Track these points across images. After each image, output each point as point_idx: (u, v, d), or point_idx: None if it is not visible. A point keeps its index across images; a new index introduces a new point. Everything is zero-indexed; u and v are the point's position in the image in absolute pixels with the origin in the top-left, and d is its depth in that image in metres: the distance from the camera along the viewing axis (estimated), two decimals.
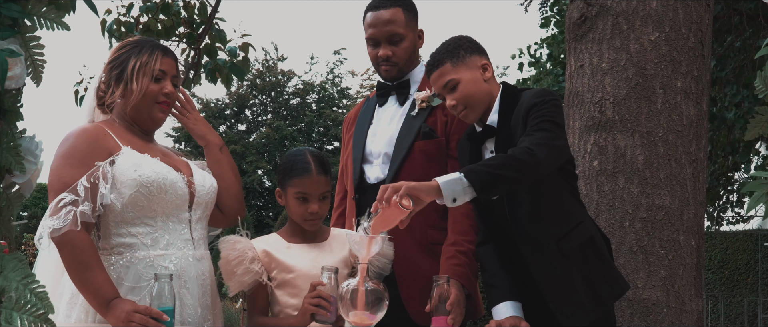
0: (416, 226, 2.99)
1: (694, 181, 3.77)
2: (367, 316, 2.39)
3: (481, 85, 2.84)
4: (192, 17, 5.82)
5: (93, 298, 2.55)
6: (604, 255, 2.83)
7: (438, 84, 2.85)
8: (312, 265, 2.77)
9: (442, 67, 2.83)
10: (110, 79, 2.80)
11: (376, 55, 3.16)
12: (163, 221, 2.71)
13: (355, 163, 3.19)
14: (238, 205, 2.96)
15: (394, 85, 3.22)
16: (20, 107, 1.98)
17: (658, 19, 3.78)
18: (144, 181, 2.65)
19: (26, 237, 14.84)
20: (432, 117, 3.10)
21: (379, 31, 3.13)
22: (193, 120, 3.01)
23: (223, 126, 26.80)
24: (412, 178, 2.98)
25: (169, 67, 2.83)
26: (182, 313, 2.70)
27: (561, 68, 11.07)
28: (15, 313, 1.84)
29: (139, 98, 2.76)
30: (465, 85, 2.81)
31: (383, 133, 3.17)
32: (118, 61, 2.79)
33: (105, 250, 2.69)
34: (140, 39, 2.89)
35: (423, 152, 3.06)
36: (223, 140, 3.06)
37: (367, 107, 3.33)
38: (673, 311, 3.62)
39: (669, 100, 3.74)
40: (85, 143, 2.66)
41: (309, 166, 2.84)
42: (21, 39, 1.95)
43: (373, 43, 3.17)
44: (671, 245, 3.65)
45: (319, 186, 2.83)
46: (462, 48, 2.85)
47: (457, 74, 2.81)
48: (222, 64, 5.73)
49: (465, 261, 2.92)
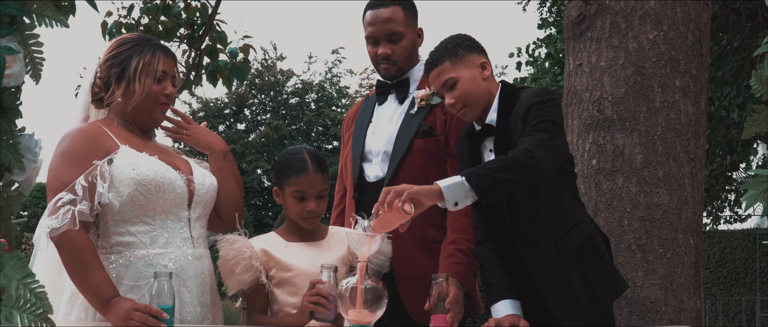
0: (415, 225, 2.98)
1: (692, 179, 3.77)
2: (367, 314, 2.39)
3: (479, 84, 2.84)
4: (193, 18, 5.82)
5: (92, 297, 2.55)
6: (602, 254, 2.83)
7: (437, 82, 2.85)
8: (310, 264, 2.77)
9: (440, 66, 2.83)
10: (109, 76, 2.79)
11: (376, 54, 3.16)
12: (162, 220, 2.71)
13: (355, 161, 3.19)
14: (236, 213, 2.94)
15: (393, 83, 3.22)
16: (19, 105, 1.97)
17: (657, 18, 3.79)
18: (142, 179, 2.65)
19: (26, 236, 14.83)
20: (431, 115, 3.10)
21: (378, 30, 3.13)
22: (192, 134, 3.00)
23: (223, 125, 26.78)
24: (411, 176, 2.98)
25: (169, 68, 2.83)
26: (181, 311, 2.70)
27: (559, 67, 11.08)
28: (15, 311, 1.83)
29: (142, 99, 2.76)
30: (464, 84, 2.81)
31: (382, 131, 3.17)
32: (119, 59, 2.78)
33: (104, 248, 2.69)
34: (139, 36, 2.88)
35: (422, 150, 3.06)
36: (227, 147, 3.04)
37: (366, 106, 3.33)
38: (672, 310, 3.63)
39: (667, 99, 3.74)
40: (82, 142, 2.66)
41: (306, 164, 2.83)
42: (20, 37, 1.94)
43: (373, 42, 3.17)
44: (669, 244, 3.65)
45: (316, 184, 2.83)
46: (461, 46, 2.86)
47: (455, 73, 2.82)
48: (223, 65, 5.73)
49: (464, 259, 2.92)
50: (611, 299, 2.87)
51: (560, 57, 11.21)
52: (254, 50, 5.89)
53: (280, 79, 26.89)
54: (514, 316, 2.72)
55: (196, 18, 5.83)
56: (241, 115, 27.28)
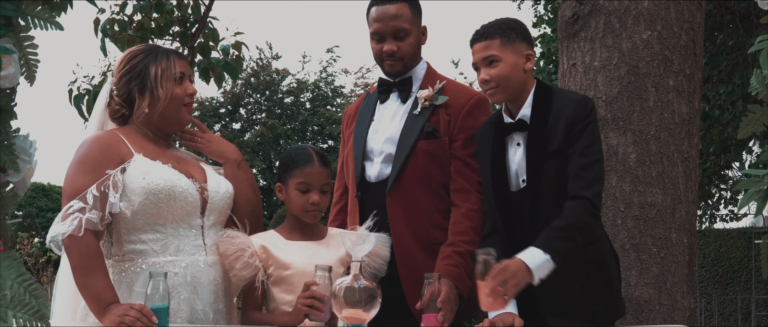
0: (419, 227, 3.02)
1: (686, 179, 3.79)
2: (360, 314, 2.40)
3: (519, 73, 2.85)
4: (185, 16, 5.81)
5: (93, 301, 2.58)
6: (609, 276, 2.85)
7: (479, 55, 2.85)
8: (309, 263, 2.78)
9: (490, 40, 2.83)
10: (130, 91, 2.80)
11: (381, 50, 3.13)
12: (174, 228, 2.73)
13: (356, 160, 3.17)
14: (254, 222, 2.94)
15: (395, 81, 3.19)
16: (14, 106, 1.98)
17: (650, 17, 3.80)
18: (153, 188, 2.67)
19: (21, 236, 14.81)
20: (434, 116, 3.08)
21: (385, 26, 3.10)
22: (206, 143, 3.00)
23: (218, 125, 26.74)
24: (415, 177, 2.99)
25: (185, 68, 2.86)
26: (192, 318, 2.72)
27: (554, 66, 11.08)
28: (10, 311, 1.84)
29: (167, 104, 2.77)
30: (505, 67, 2.81)
31: (384, 130, 3.15)
32: (136, 71, 2.79)
33: (117, 256, 2.73)
34: (147, 46, 2.90)
35: (426, 152, 3.05)
36: (241, 155, 3.04)
37: (367, 103, 3.30)
38: (665, 309, 3.64)
39: (661, 99, 3.76)
40: (97, 150, 2.69)
41: (311, 157, 2.87)
42: (15, 38, 1.95)
43: (378, 38, 3.13)
44: (663, 243, 3.67)
45: (320, 177, 2.86)
46: (515, 31, 2.86)
47: (502, 53, 2.82)
48: (215, 62, 5.72)
49: (460, 261, 2.91)
50: (606, 320, 2.87)
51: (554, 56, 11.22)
52: (247, 47, 5.89)
53: (276, 78, 26.85)
54: (510, 314, 2.72)
55: (189, 15, 5.82)
56: (236, 115, 27.24)
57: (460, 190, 3.02)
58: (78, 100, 5.58)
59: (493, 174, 2.88)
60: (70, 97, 5.61)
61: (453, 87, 3.16)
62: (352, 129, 3.28)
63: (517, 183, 2.86)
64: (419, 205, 3.04)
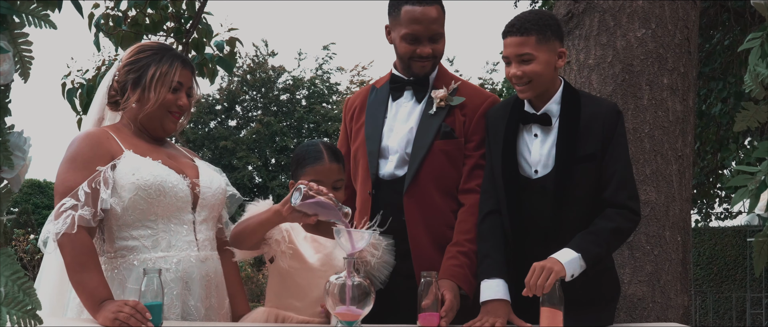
0: (434, 226, 3.04)
1: (680, 177, 3.80)
2: (354, 310, 2.40)
3: (551, 71, 2.86)
4: (180, 12, 5.80)
5: (87, 298, 2.59)
6: (606, 302, 2.91)
7: (513, 49, 2.83)
8: (319, 266, 2.81)
9: (526, 37, 2.82)
10: (126, 81, 2.82)
11: (414, 52, 3.08)
12: (164, 223, 2.74)
13: (371, 157, 3.15)
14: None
15: (409, 80, 3.17)
16: (8, 103, 1.98)
17: (645, 15, 3.81)
18: (142, 184, 2.68)
19: (16, 232, 14.80)
20: (450, 117, 3.09)
21: (425, 29, 3.06)
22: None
23: (214, 122, 26.72)
24: (431, 176, 3.01)
25: (186, 79, 2.87)
26: (185, 313, 2.74)
27: None
28: (3, 308, 1.84)
29: (154, 108, 2.79)
30: (538, 65, 2.81)
31: (400, 129, 3.14)
32: (137, 65, 2.82)
33: (110, 253, 2.74)
34: (161, 45, 2.92)
35: (443, 152, 3.06)
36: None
37: (376, 99, 3.26)
38: (659, 306, 3.65)
39: (655, 97, 3.76)
40: (87, 147, 2.70)
41: (321, 153, 2.89)
42: (9, 35, 1.95)
43: (412, 39, 3.07)
44: (657, 241, 3.68)
45: (331, 173, 2.88)
46: (551, 28, 2.85)
47: (536, 51, 2.81)
48: (209, 58, 5.72)
49: (465, 261, 2.93)
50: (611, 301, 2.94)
51: None
52: (241, 43, 5.89)
53: (272, 75, 26.83)
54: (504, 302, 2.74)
55: (183, 11, 5.81)
56: (232, 112, 27.21)
57: (469, 190, 3.04)
58: (71, 94, 5.57)
59: (504, 157, 2.89)
60: (63, 90, 5.59)
61: (468, 88, 3.17)
62: (361, 123, 3.25)
63: (530, 172, 2.88)
64: (435, 205, 3.05)
